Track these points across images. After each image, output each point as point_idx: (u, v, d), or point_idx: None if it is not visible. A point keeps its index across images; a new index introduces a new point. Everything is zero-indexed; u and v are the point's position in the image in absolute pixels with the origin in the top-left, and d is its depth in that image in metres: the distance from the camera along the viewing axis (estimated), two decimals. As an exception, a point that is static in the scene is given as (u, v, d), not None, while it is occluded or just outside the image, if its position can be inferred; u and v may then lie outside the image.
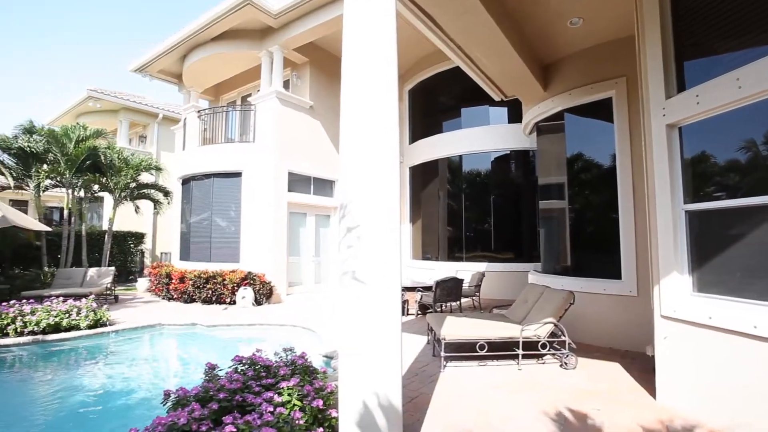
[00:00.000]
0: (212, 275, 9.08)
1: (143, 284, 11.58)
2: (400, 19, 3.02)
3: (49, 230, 10.04)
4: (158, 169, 12.49)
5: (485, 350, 4.37)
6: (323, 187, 11.36)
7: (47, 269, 10.10)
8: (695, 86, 3.21)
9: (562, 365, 4.38)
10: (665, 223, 3.40)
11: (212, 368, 3.09)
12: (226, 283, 8.91)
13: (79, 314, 6.48)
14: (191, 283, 9.23)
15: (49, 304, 6.53)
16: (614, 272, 5.23)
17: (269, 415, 2.41)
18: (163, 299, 9.99)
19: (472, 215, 10.59)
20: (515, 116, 9.34)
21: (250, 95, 12.26)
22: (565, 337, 4.40)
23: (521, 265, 9.20)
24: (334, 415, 2.63)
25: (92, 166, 10.96)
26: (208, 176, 10.57)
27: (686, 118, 3.29)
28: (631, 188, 5.18)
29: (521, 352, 4.37)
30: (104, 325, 6.66)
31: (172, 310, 8.49)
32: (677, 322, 3.28)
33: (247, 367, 3.16)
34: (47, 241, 10.78)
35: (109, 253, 11.65)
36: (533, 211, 9.36)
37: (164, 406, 2.69)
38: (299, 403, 2.62)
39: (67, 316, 6.35)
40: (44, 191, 10.86)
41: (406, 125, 12.31)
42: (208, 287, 9.05)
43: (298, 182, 10.54)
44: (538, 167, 7.36)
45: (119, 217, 12.20)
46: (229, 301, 8.95)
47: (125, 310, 8.43)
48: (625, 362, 4.50)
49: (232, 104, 13.08)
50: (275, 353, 3.42)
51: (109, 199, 13.22)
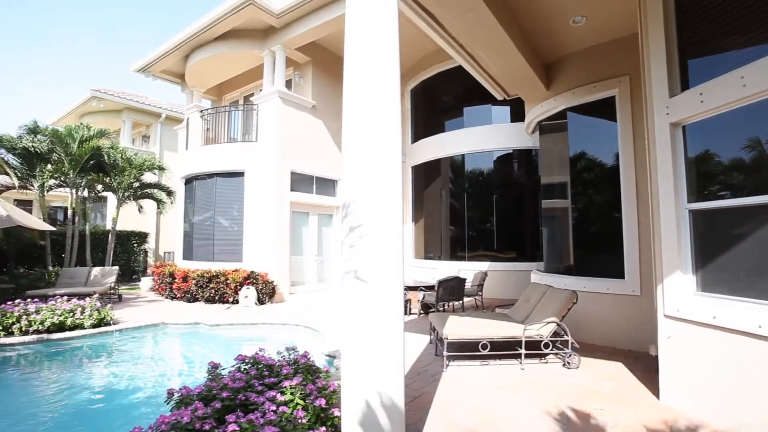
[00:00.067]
0: (215, 275, 9.11)
1: (146, 283, 11.64)
2: (401, 17, 3.01)
3: (53, 230, 10.09)
4: (161, 168, 12.53)
5: (488, 350, 4.37)
6: (326, 186, 11.37)
7: (51, 268, 10.15)
8: (699, 84, 3.19)
9: (564, 365, 4.38)
10: (668, 222, 3.39)
11: (215, 367, 3.11)
12: (228, 282, 8.93)
13: (83, 313, 6.53)
14: (194, 282, 9.27)
15: (53, 303, 6.58)
16: (617, 272, 5.21)
17: (272, 414, 2.42)
18: (166, 298, 10.04)
19: (474, 214, 10.58)
20: (518, 115, 9.33)
21: (252, 95, 12.28)
22: (567, 336, 4.39)
23: (524, 264, 9.20)
24: (336, 414, 2.63)
25: (96, 165, 11.01)
26: (210, 176, 10.60)
27: (690, 116, 3.28)
28: (634, 187, 5.17)
29: (524, 351, 4.37)
30: (108, 324, 6.70)
31: (175, 309, 8.52)
32: (681, 321, 3.27)
33: (249, 366, 3.17)
34: (51, 240, 10.85)
35: (112, 252, 11.70)
36: (536, 210, 9.36)
37: (168, 404, 2.70)
38: (302, 402, 2.62)
39: (71, 315, 6.39)
40: (48, 191, 10.91)
41: (408, 124, 12.30)
42: (211, 287, 9.09)
43: (300, 182, 10.56)
44: (540, 166, 7.35)
45: (123, 216, 12.25)
46: (231, 300, 8.98)
47: (129, 309, 8.48)
48: (628, 362, 4.49)
49: (234, 104, 13.11)
50: (278, 352, 3.43)
51: (112, 198, 13.28)
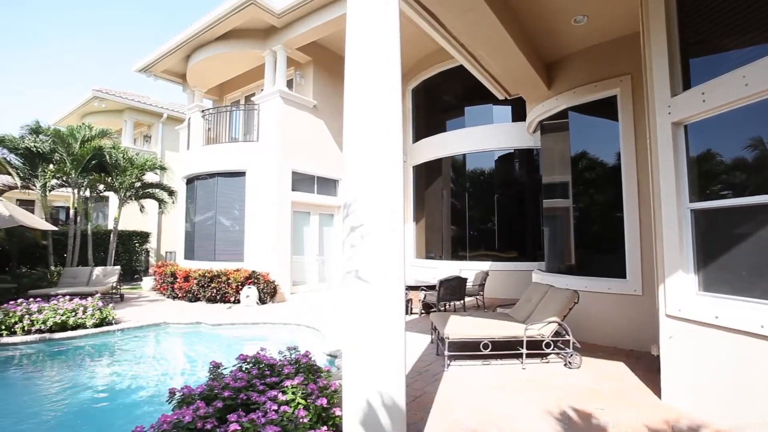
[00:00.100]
0: (216, 274, 9.13)
1: (148, 283, 11.67)
2: (402, 17, 3.01)
3: (55, 230, 10.12)
4: (163, 168, 12.55)
5: (489, 349, 4.37)
6: (327, 186, 11.37)
7: (54, 268, 10.18)
8: (701, 84, 3.18)
9: (566, 364, 4.37)
10: (670, 221, 3.38)
11: (217, 367, 3.11)
12: (230, 282, 8.95)
13: (85, 313, 6.54)
14: (196, 282, 9.28)
15: (55, 302, 6.60)
16: (619, 271, 5.21)
17: (273, 413, 2.42)
18: (167, 298, 10.06)
19: (475, 214, 10.57)
20: (519, 115, 9.31)
21: (253, 95, 12.29)
22: (569, 336, 4.38)
23: (525, 264, 9.19)
24: (337, 413, 2.63)
25: (97, 165, 11.04)
26: (212, 176, 10.62)
27: (692, 116, 3.27)
28: (636, 187, 5.16)
29: (525, 351, 4.36)
30: (110, 323, 6.72)
31: (176, 309, 8.53)
32: (683, 321, 3.26)
33: (251, 365, 3.18)
34: (54, 240, 10.87)
35: (114, 252, 11.73)
36: (537, 210, 9.36)
37: (169, 404, 2.71)
38: (303, 401, 2.63)
39: (73, 314, 6.41)
40: (50, 191, 10.94)
41: (409, 124, 12.30)
42: (212, 286, 9.10)
43: (301, 181, 10.56)
44: (542, 166, 7.34)
45: (124, 216, 12.28)
46: (233, 300, 8.99)
47: (130, 308, 8.50)
48: (629, 362, 4.48)
49: (235, 104, 13.13)
50: (279, 352, 3.43)
51: (114, 198, 13.31)
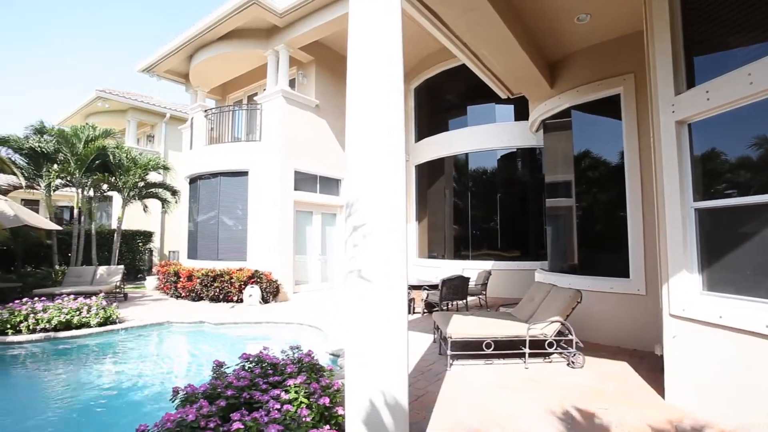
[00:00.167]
0: (219, 274, 9.16)
1: (152, 282, 11.72)
2: (405, 16, 3.00)
3: (59, 229, 10.18)
4: (166, 168, 12.60)
5: (492, 349, 4.36)
6: (329, 185, 11.38)
7: (58, 267, 10.24)
8: (705, 82, 3.16)
9: (569, 364, 4.36)
10: (674, 221, 3.37)
11: (220, 366, 3.12)
12: (233, 281, 8.97)
13: (89, 312, 6.57)
14: (199, 281, 9.31)
15: (60, 301, 6.64)
16: (622, 271, 5.19)
17: (276, 412, 2.43)
18: (171, 297, 10.09)
19: (478, 213, 10.55)
20: (522, 114, 9.29)
21: (256, 94, 12.31)
22: (572, 335, 4.37)
23: (528, 263, 9.17)
24: (340, 412, 2.64)
25: (101, 165, 11.09)
26: (215, 175, 10.65)
27: (696, 114, 3.25)
28: (639, 186, 5.13)
29: (528, 350, 4.36)
30: (114, 322, 6.75)
31: (180, 308, 8.57)
32: (686, 321, 3.25)
33: (254, 364, 3.19)
34: (58, 239, 10.93)
35: (118, 251, 11.79)
36: (540, 209, 9.32)
37: (173, 402, 2.72)
38: (306, 400, 2.64)
39: (77, 313, 6.44)
40: (55, 191, 11.00)
41: (411, 123, 12.29)
42: (215, 285, 9.13)
43: (304, 181, 10.57)
44: (544, 165, 7.31)
45: (128, 216, 12.34)
46: (236, 299, 9.01)
47: (134, 308, 8.54)
48: (633, 361, 4.46)
49: (238, 103, 13.15)
50: (282, 351, 3.44)
51: (117, 198, 13.36)
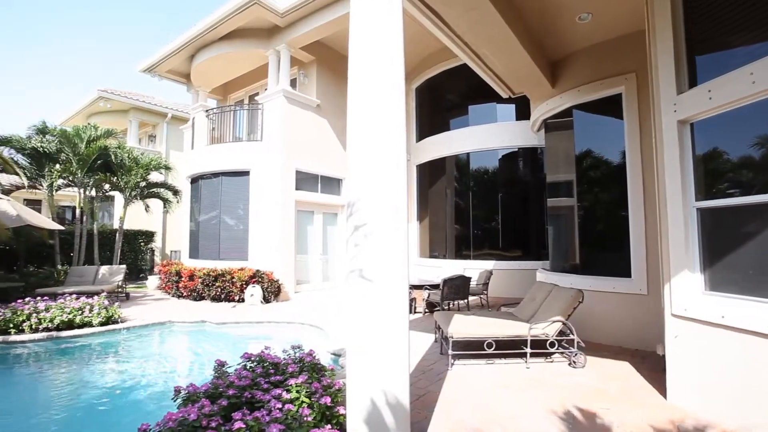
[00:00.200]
0: (221, 273, 9.17)
1: (153, 282, 11.75)
2: (406, 16, 3.00)
3: (61, 229, 10.19)
4: (167, 168, 12.62)
5: (493, 348, 4.36)
6: (330, 185, 11.39)
7: (60, 267, 10.28)
8: (707, 81, 3.15)
9: (570, 364, 4.36)
10: (676, 220, 3.36)
11: (221, 365, 3.13)
12: (234, 281, 8.98)
13: (91, 311, 6.59)
14: (200, 281, 9.33)
15: (62, 301, 6.66)
16: (624, 270, 5.18)
17: (278, 411, 2.43)
18: (172, 297, 10.12)
19: (479, 213, 10.54)
20: (523, 113, 9.27)
21: (257, 94, 12.32)
22: (573, 335, 4.36)
23: (529, 263, 9.15)
24: (341, 412, 2.64)
25: (103, 165, 11.11)
26: (216, 175, 10.67)
27: (698, 113, 3.24)
28: (641, 185, 5.12)
29: (529, 350, 4.35)
30: (116, 322, 6.77)
31: (181, 307, 8.59)
32: (688, 320, 3.24)
33: (255, 364, 3.20)
34: (60, 239, 10.96)
35: (120, 251, 11.81)
36: (541, 208, 9.30)
37: (175, 402, 2.73)
38: (307, 400, 2.64)
39: (80, 313, 6.46)
40: (57, 190, 11.02)
41: (413, 123, 12.28)
42: (217, 285, 9.14)
43: (305, 180, 10.58)
44: (546, 164, 7.30)
45: (130, 215, 12.36)
46: (237, 299, 9.03)
47: (136, 307, 8.56)
48: (635, 361, 4.46)
49: (239, 103, 13.16)
50: (283, 351, 3.45)
51: (119, 198, 13.40)
